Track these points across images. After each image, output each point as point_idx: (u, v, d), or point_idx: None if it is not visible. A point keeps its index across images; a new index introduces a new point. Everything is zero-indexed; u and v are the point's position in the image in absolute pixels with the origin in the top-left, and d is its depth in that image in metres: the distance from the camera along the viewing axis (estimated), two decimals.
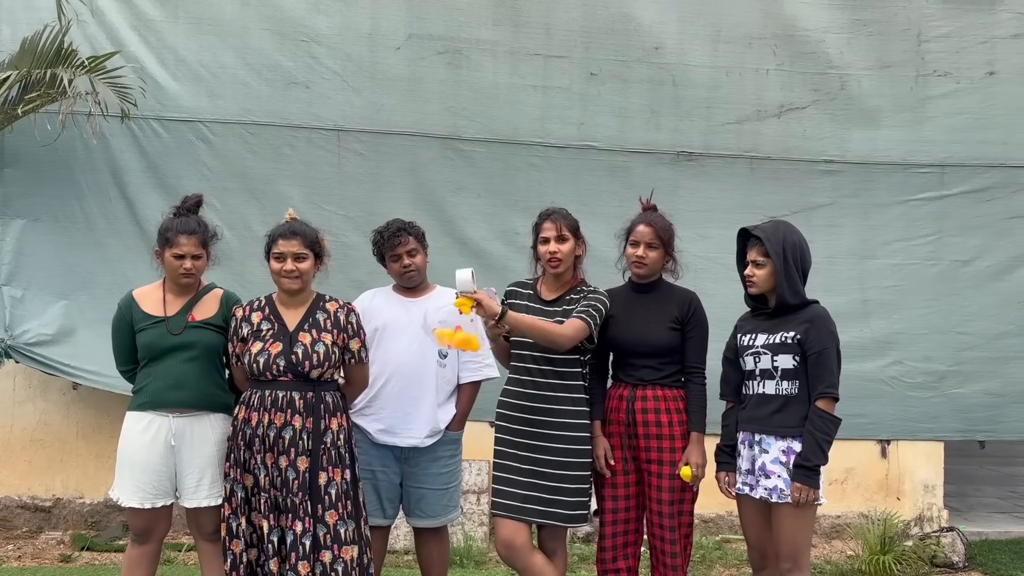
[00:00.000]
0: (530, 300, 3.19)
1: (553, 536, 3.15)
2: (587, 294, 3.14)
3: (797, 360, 2.95)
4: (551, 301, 3.15)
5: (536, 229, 3.21)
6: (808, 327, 2.96)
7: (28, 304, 4.99)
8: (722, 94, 5.36)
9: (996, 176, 5.43)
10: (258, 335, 3.03)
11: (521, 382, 3.11)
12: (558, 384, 3.06)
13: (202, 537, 3.16)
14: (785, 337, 2.97)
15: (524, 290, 3.25)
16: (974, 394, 5.45)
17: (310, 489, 2.92)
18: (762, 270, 3.03)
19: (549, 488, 3.03)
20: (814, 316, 3.00)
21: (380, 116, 5.27)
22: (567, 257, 3.13)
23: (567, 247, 3.12)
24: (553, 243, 3.11)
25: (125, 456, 3.08)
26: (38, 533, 4.99)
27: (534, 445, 3.07)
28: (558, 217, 3.17)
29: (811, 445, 2.87)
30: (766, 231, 3.04)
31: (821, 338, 2.95)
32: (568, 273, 3.18)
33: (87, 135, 4.83)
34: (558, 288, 3.18)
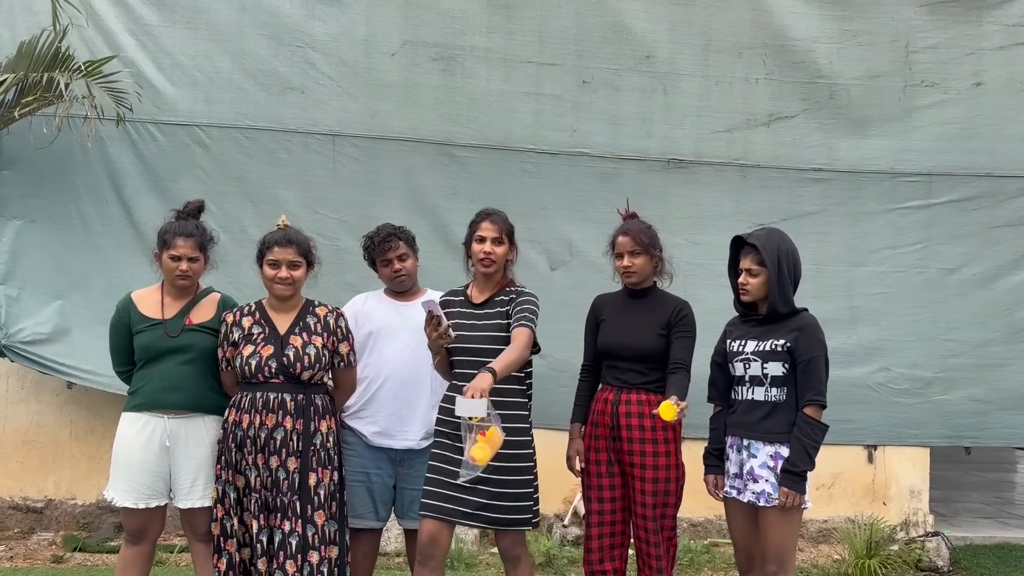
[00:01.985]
0: (462, 306, 3.14)
1: (515, 543, 3.06)
2: (517, 297, 3.09)
3: (786, 367, 2.99)
4: (481, 304, 3.12)
5: (473, 227, 3.15)
6: (798, 335, 3.00)
7: (24, 303, 5.01)
8: (712, 103, 5.43)
9: (983, 185, 5.50)
10: (249, 339, 3.06)
11: (458, 388, 2.92)
12: (501, 389, 2.92)
13: (196, 538, 3.18)
14: (775, 345, 3.01)
15: (456, 298, 3.19)
16: (960, 400, 5.51)
17: (299, 489, 2.95)
18: (756, 278, 3.07)
19: (493, 494, 2.94)
20: (804, 324, 3.04)
21: (375, 121, 5.31)
22: (500, 260, 3.10)
23: (501, 250, 3.10)
24: (489, 244, 3.08)
25: (120, 456, 3.10)
26: (30, 534, 5.00)
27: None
28: (497, 219, 3.13)
29: (798, 451, 2.92)
30: (761, 239, 3.08)
31: (811, 347, 2.99)
32: (498, 275, 3.15)
33: (84, 139, 4.86)
34: (488, 289, 3.14)
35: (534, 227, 5.40)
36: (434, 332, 2.90)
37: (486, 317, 3.08)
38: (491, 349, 2.97)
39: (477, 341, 3.03)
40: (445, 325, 2.90)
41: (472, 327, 3.07)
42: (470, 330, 3.06)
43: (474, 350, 3.01)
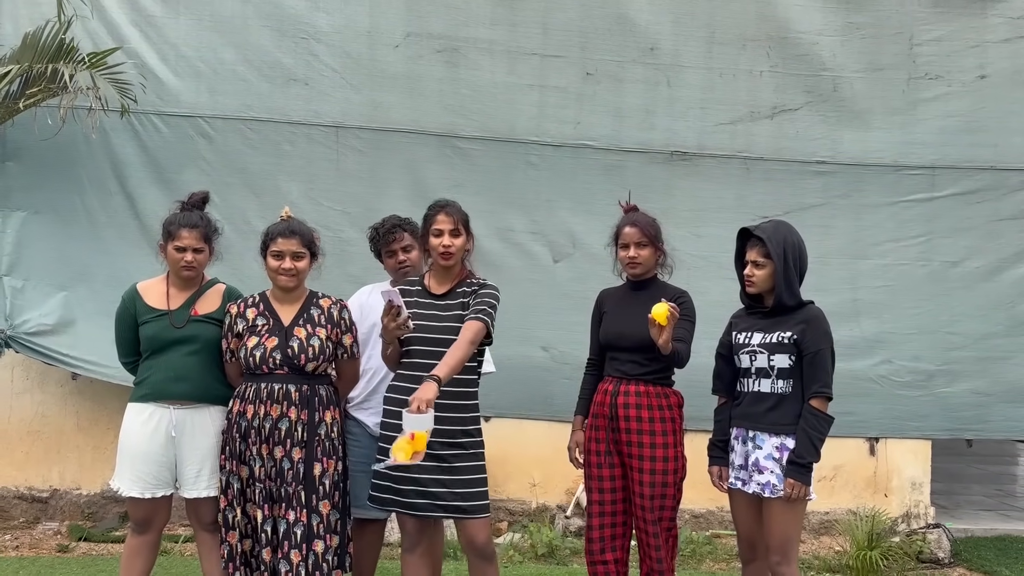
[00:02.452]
0: (420, 296, 3.10)
1: (489, 537, 3.04)
2: (479, 289, 3.07)
3: (793, 360, 2.99)
4: (442, 295, 3.09)
5: (428, 220, 3.10)
6: (804, 328, 3.00)
7: (28, 295, 5.02)
8: (716, 95, 5.41)
9: (986, 179, 5.49)
10: (253, 330, 3.06)
11: (413, 378, 2.94)
12: (457, 379, 2.90)
13: (201, 527, 3.19)
14: (782, 337, 3.00)
15: (412, 287, 3.15)
16: (962, 393, 5.50)
17: (304, 479, 2.96)
18: (762, 271, 3.06)
19: (447, 482, 2.93)
20: (810, 317, 3.03)
21: (378, 113, 5.31)
22: (459, 251, 3.06)
23: (459, 241, 3.06)
24: (447, 236, 3.04)
25: (126, 446, 3.11)
26: (35, 524, 5.01)
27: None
28: (452, 210, 3.08)
29: (804, 443, 2.92)
30: (767, 232, 3.07)
31: (817, 339, 2.99)
32: (457, 266, 3.11)
33: (88, 130, 4.85)
34: (448, 281, 3.11)
35: (537, 219, 5.42)
36: (392, 322, 2.86)
37: (448, 308, 3.05)
38: (452, 340, 2.93)
39: (438, 332, 2.99)
40: (405, 315, 2.87)
41: (433, 318, 3.03)
42: (430, 320, 3.02)
43: (435, 340, 2.97)
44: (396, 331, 2.90)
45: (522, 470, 5.34)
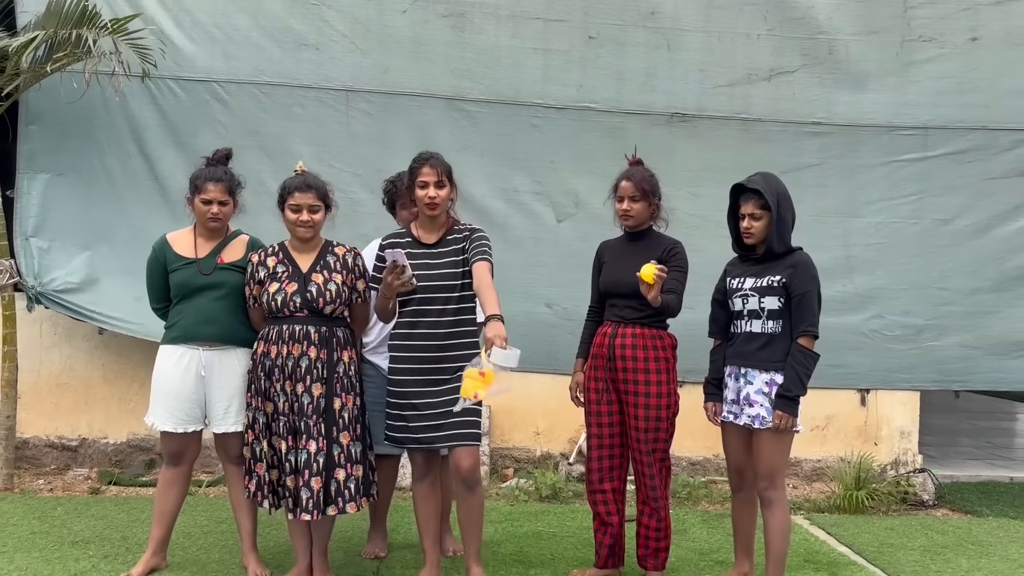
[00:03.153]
0: (412, 247, 3.24)
1: (475, 465, 3.17)
2: (472, 235, 3.24)
3: (782, 301, 3.19)
4: (434, 244, 3.24)
5: (413, 173, 3.22)
6: (793, 271, 3.20)
7: (54, 254, 5.22)
8: (715, 58, 5.55)
9: (977, 139, 5.64)
10: (274, 276, 3.27)
11: (411, 323, 3.17)
12: (450, 320, 3.15)
13: (229, 461, 3.43)
14: (772, 281, 3.21)
15: (402, 239, 3.29)
16: (950, 346, 5.71)
17: (324, 413, 3.18)
18: (759, 222, 3.26)
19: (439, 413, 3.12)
20: (798, 262, 3.23)
21: (387, 77, 5.46)
22: (444, 201, 3.20)
23: (444, 192, 3.19)
24: (432, 188, 3.17)
25: (159, 385, 3.34)
26: (66, 470, 5.27)
27: (430, 380, 3.16)
28: (435, 163, 3.19)
29: (792, 377, 3.13)
30: (761, 184, 3.26)
31: (804, 282, 3.19)
32: (443, 216, 3.26)
33: (108, 94, 5.03)
34: (436, 230, 3.26)
35: (541, 180, 5.59)
36: (396, 280, 3.02)
37: (441, 256, 3.22)
38: (449, 285, 3.15)
39: (432, 279, 3.16)
40: (409, 274, 3.03)
41: (425, 266, 3.18)
42: (423, 268, 3.17)
43: (432, 287, 3.16)
44: (400, 288, 3.08)
45: (527, 420, 5.58)
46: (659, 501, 3.38)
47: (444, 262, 3.21)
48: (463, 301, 3.21)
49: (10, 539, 3.81)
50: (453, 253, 3.22)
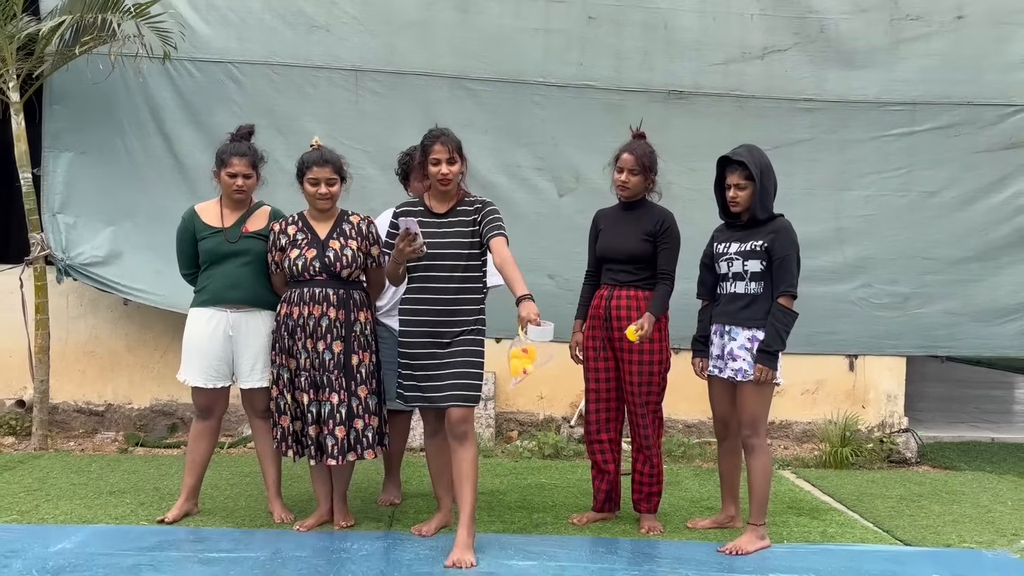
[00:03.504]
0: (423, 216, 3.43)
1: (465, 419, 3.34)
2: (483, 209, 3.44)
3: (764, 264, 3.47)
4: (443, 214, 3.44)
5: (425, 150, 3.40)
6: (774, 236, 3.48)
7: (80, 230, 5.52)
8: (710, 37, 5.80)
9: (963, 114, 5.88)
10: (295, 243, 3.56)
11: (421, 287, 3.40)
12: (458, 286, 3.38)
13: (255, 415, 3.74)
14: (755, 245, 3.49)
15: (414, 208, 3.50)
16: (935, 314, 5.99)
17: (344, 368, 3.48)
18: (744, 191, 3.53)
19: (441, 372, 3.34)
20: (779, 228, 3.51)
21: (394, 57, 5.71)
22: (455, 176, 3.40)
23: (455, 168, 3.39)
24: (444, 165, 3.36)
25: (190, 344, 3.64)
26: (94, 434, 5.60)
27: (436, 342, 3.37)
28: (447, 140, 3.37)
29: (772, 334, 3.41)
30: (745, 156, 3.52)
31: (785, 246, 3.46)
32: (454, 188, 3.46)
33: (128, 75, 5.31)
34: (447, 202, 3.46)
35: (543, 156, 5.86)
36: (408, 247, 3.26)
37: (451, 226, 3.43)
38: (456, 253, 3.38)
39: (444, 247, 3.39)
40: (420, 242, 3.27)
41: (436, 235, 3.38)
42: (434, 237, 3.38)
43: (441, 255, 3.37)
44: (411, 254, 3.32)
45: (531, 386, 5.87)
46: (652, 449, 3.69)
47: (453, 231, 3.44)
48: (470, 269, 3.43)
49: (52, 490, 4.13)
50: (462, 224, 3.45)
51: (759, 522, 3.49)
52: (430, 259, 3.38)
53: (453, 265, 3.39)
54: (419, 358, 3.41)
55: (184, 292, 5.16)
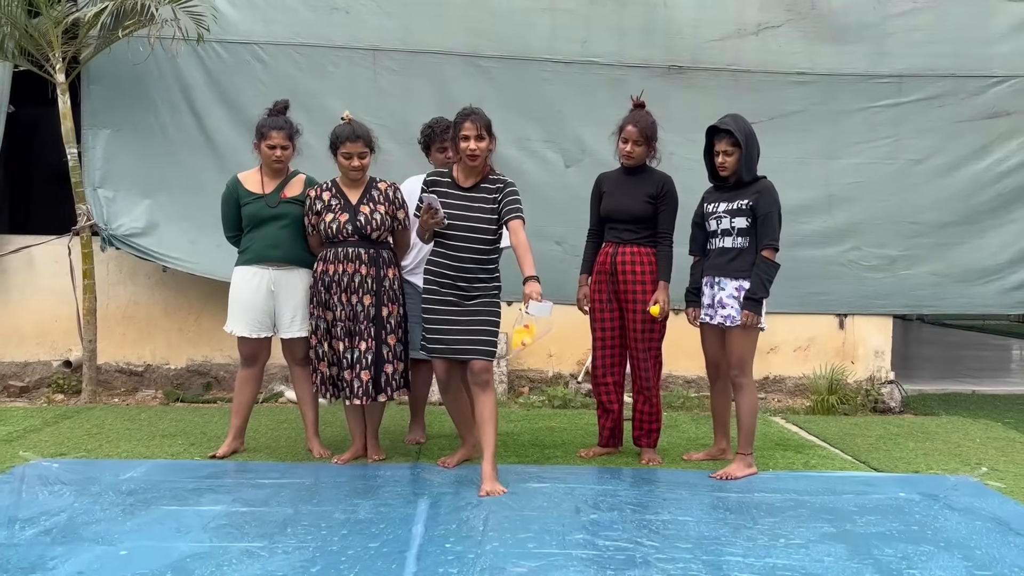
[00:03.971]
0: (450, 187, 3.76)
1: (485, 369, 3.70)
2: (504, 188, 3.75)
3: (749, 221, 3.90)
4: (469, 188, 3.76)
5: (457, 127, 3.68)
6: (758, 196, 3.90)
7: (119, 203, 5.97)
8: (707, 15, 6.20)
9: (947, 85, 6.29)
10: (329, 208, 4.00)
11: (445, 253, 3.74)
12: (479, 253, 3.74)
13: (295, 362, 4.21)
14: (741, 204, 3.91)
15: (443, 179, 3.80)
16: (921, 275, 6.43)
17: (375, 319, 3.93)
18: (731, 157, 3.95)
19: (463, 328, 3.72)
20: (763, 188, 3.93)
21: (410, 37, 6.13)
22: (483, 152, 3.68)
23: (483, 144, 3.67)
24: (473, 141, 3.64)
25: (236, 299, 4.10)
26: (135, 392, 6.08)
27: (456, 300, 3.73)
28: (476, 119, 3.66)
29: (757, 283, 3.85)
30: (731, 125, 3.94)
31: (768, 204, 3.89)
32: (481, 164, 3.75)
33: (160, 56, 5.74)
34: (473, 176, 3.76)
35: (551, 129, 6.28)
36: (431, 219, 3.67)
37: (474, 200, 3.75)
38: (478, 226, 3.74)
39: (465, 219, 3.71)
40: (441, 215, 3.67)
41: (461, 207, 3.72)
42: (458, 209, 3.71)
43: (463, 227, 3.71)
44: (434, 225, 3.73)
45: (541, 345, 6.31)
46: (652, 390, 4.15)
47: (476, 205, 3.78)
48: (488, 238, 3.77)
49: (110, 434, 4.62)
50: (484, 200, 3.79)
51: (747, 451, 3.95)
52: (453, 228, 3.75)
53: (473, 236, 3.75)
54: (442, 314, 3.79)
55: (216, 260, 5.67)
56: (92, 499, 3.46)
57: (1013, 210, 6.42)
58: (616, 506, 3.48)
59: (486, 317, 3.79)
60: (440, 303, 3.80)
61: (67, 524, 3.16)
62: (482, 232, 3.77)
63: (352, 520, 3.24)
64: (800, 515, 3.40)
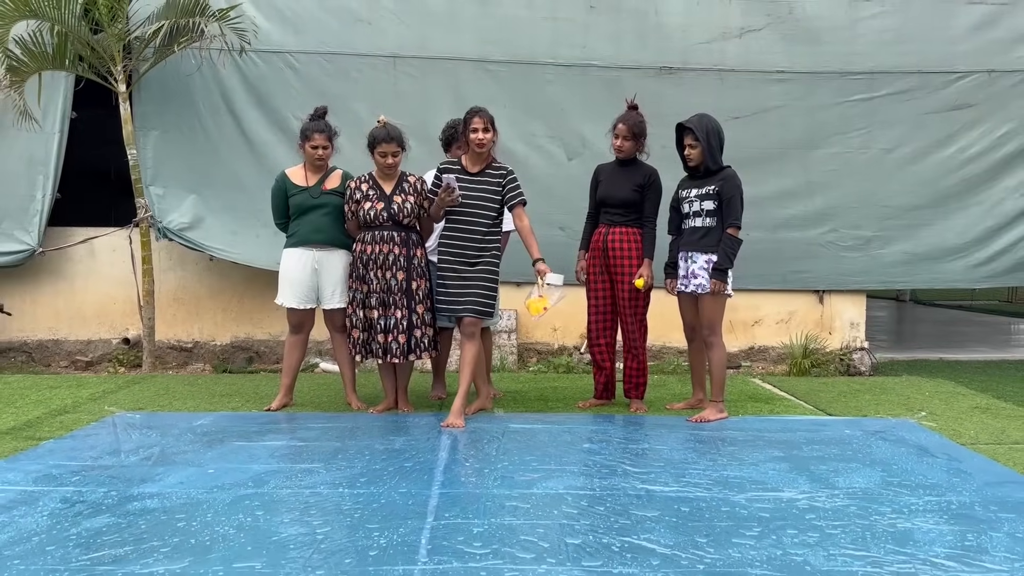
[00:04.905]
0: (460, 173, 4.62)
1: (473, 323, 4.59)
2: (507, 175, 4.61)
3: (715, 204, 4.70)
4: (475, 173, 4.62)
5: (467, 122, 4.57)
6: (723, 182, 4.70)
7: (169, 199, 6.84)
8: (695, 20, 6.99)
9: (914, 81, 7.05)
10: (367, 197, 4.82)
11: (454, 228, 4.59)
12: (483, 229, 4.59)
13: (334, 329, 5.05)
14: (708, 189, 4.71)
15: (454, 166, 4.68)
16: (893, 253, 7.21)
17: (406, 291, 4.75)
18: (695, 150, 4.75)
19: (469, 292, 4.56)
20: (727, 176, 4.73)
21: (426, 45, 6.95)
22: (489, 143, 4.57)
23: (489, 136, 4.56)
24: (480, 133, 4.53)
25: (285, 276, 4.94)
26: (185, 365, 6.96)
27: (463, 268, 4.57)
28: (484, 115, 4.56)
29: (723, 256, 4.65)
30: (694, 123, 4.74)
31: (731, 189, 4.68)
32: (486, 153, 4.63)
33: (202, 65, 6.58)
34: (479, 163, 4.63)
35: (554, 126, 7.09)
36: (448, 197, 4.54)
37: (481, 183, 4.61)
38: (483, 205, 4.58)
39: (473, 199, 4.60)
40: (456, 195, 4.55)
41: (468, 189, 4.56)
42: (466, 190, 4.58)
43: (470, 205, 4.56)
44: (450, 203, 4.58)
45: (546, 321, 7.16)
46: (639, 349, 4.96)
47: (481, 187, 4.66)
48: (491, 216, 4.63)
49: (175, 395, 5.48)
50: (488, 183, 4.65)
51: (718, 399, 4.76)
52: (462, 207, 4.62)
53: (479, 213, 4.61)
54: (449, 279, 4.64)
55: (255, 249, 6.55)
56: (175, 438, 4.32)
57: (976, 194, 7.19)
58: (605, 439, 4.31)
59: (485, 281, 4.64)
60: (451, 270, 4.64)
61: (161, 454, 4.02)
62: (487, 210, 4.62)
63: (389, 449, 4.08)
64: (757, 445, 4.22)
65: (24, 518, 3.13)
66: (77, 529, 3.02)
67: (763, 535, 2.98)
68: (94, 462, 3.87)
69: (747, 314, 7.15)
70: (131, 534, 2.97)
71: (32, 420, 4.69)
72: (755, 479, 3.64)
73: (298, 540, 2.92)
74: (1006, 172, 7.18)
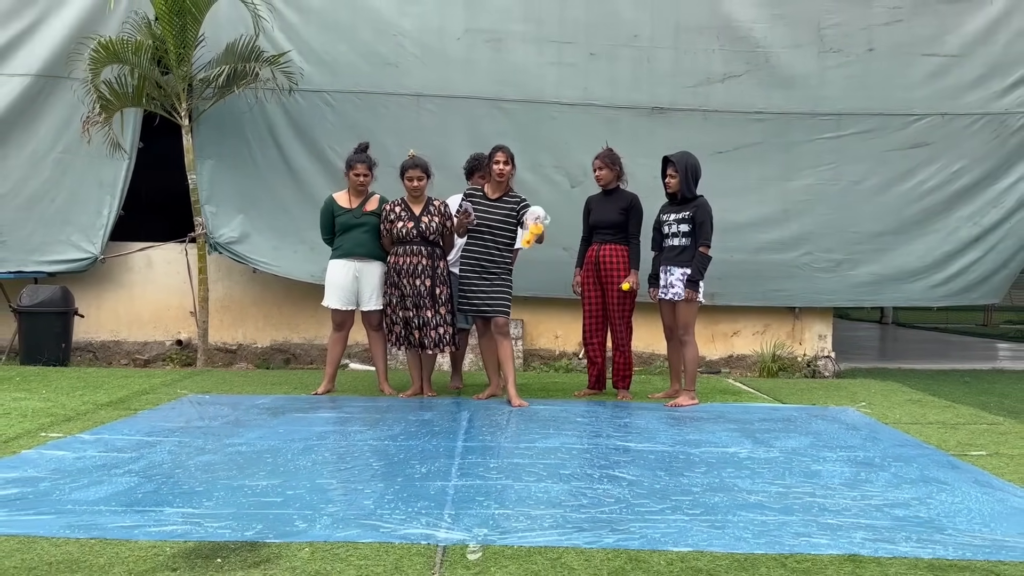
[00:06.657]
0: (482, 199, 5.83)
1: (505, 323, 5.78)
2: (520, 202, 5.81)
3: (689, 227, 5.87)
4: (496, 200, 5.82)
5: (491, 156, 5.80)
6: (697, 209, 5.88)
7: (220, 217, 8.06)
8: (682, 67, 8.21)
9: (876, 122, 8.25)
10: (400, 218, 6.02)
11: (476, 244, 5.76)
12: (500, 246, 5.80)
13: (371, 328, 6.23)
14: (684, 215, 5.90)
15: (477, 193, 5.90)
16: (862, 275, 8.37)
17: (432, 296, 5.93)
18: (674, 179, 5.94)
19: (490, 295, 5.78)
20: (700, 204, 5.91)
21: (447, 85, 8.18)
22: (508, 174, 5.79)
23: (509, 168, 5.78)
24: (502, 164, 5.75)
25: (331, 282, 6.13)
26: (231, 364, 8.14)
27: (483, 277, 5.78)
28: (505, 151, 5.79)
29: (695, 270, 5.81)
30: (675, 157, 5.93)
31: (703, 215, 5.85)
32: (506, 183, 5.87)
33: (252, 102, 7.83)
34: (499, 191, 5.83)
35: (558, 157, 8.29)
36: (465, 219, 5.73)
37: (498, 209, 5.86)
38: (500, 227, 5.80)
39: (492, 222, 5.81)
40: (472, 217, 5.74)
41: (488, 213, 5.82)
42: (487, 214, 5.82)
43: (489, 226, 5.81)
44: (467, 225, 5.80)
45: (549, 329, 8.35)
46: (625, 347, 6.13)
47: (499, 212, 5.86)
48: (507, 236, 5.85)
49: (233, 383, 6.67)
50: (505, 209, 5.86)
51: (691, 388, 5.92)
52: (485, 226, 5.82)
53: (497, 232, 5.82)
54: (473, 286, 5.83)
55: (293, 263, 7.81)
56: (244, 411, 5.49)
57: (934, 222, 8.37)
58: (594, 416, 5.47)
59: (502, 287, 5.85)
60: (473, 279, 5.83)
61: (235, 420, 5.20)
62: (503, 230, 5.82)
63: (420, 420, 5.25)
64: (717, 421, 5.37)
65: (151, 455, 4.30)
66: (193, 461, 4.19)
67: (708, 472, 4.13)
68: (187, 424, 5.05)
69: (727, 326, 8.31)
70: (234, 464, 4.14)
71: (123, 397, 5.87)
72: (710, 441, 4.79)
73: (359, 469, 4.09)
74: (960, 203, 8.34)
